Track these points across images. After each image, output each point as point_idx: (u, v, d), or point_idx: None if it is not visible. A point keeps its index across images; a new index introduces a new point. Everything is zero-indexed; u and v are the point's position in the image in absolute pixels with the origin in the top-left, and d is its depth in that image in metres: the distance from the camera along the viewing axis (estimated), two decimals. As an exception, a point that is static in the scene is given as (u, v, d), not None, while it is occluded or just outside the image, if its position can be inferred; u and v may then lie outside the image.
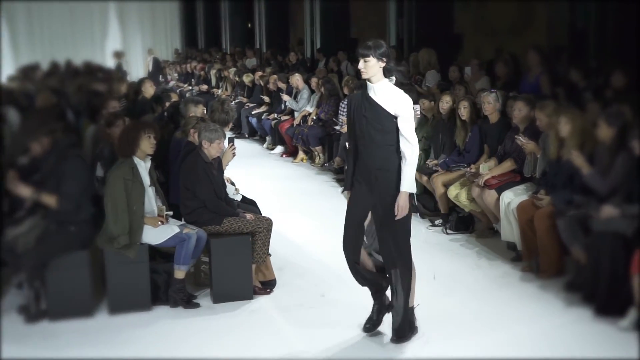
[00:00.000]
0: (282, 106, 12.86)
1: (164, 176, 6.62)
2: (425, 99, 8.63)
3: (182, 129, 6.71)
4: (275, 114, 12.99)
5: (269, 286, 6.12)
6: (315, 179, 10.72)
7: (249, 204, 6.60)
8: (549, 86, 8.13)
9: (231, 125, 6.94)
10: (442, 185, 7.65)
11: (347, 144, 5.96)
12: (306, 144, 11.52)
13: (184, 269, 5.72)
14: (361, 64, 4.74)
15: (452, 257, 6.94)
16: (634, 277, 5.00)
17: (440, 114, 8.21)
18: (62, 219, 5.55)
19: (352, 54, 13.00)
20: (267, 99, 13.64)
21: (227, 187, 6.32)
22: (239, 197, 6.57)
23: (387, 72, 4.78)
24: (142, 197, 5.67)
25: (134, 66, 22.75)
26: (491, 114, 7.39)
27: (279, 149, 12.72)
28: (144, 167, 5.77)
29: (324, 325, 5.32)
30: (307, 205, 9.06)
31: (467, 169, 7.45)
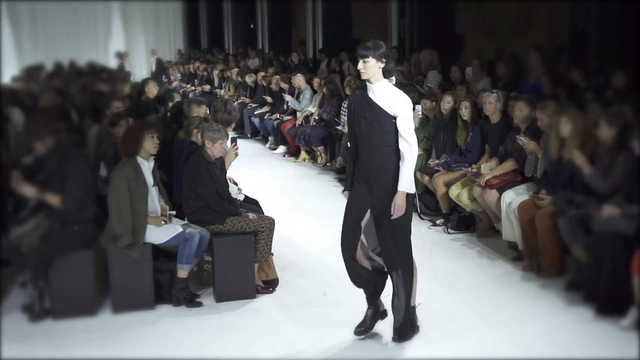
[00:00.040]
0: (285, 106, 12.86)
1: (167, 176, 6.63)
2: (426, 99, 8.64)
3: (185, 129, 6.71)
4: (277, 114, 12.98)
5: (271, 285, 6.13)
6: (317, 178, 10.72)
7: (251, 204, 6.60)
8: (550, 86, 8.13)
9: (234, 125, 6.93)
10: (444, 185, 7.65)
11: (348, 144, 5.98)
12: (308, 144, 11.51)
13: (187, 268, 5.73)
14: (360, 65, 4.73)
15: (453, 256, 6.94)
16: (635, 277, 4.99)
17: (441, 114, 8.21)
18: (66, 219, 5.55)
19: (354, 55, 12.92)
20: (269, 99, 13.64)
21: (230, 187, 6.31)
22: (241, 197, 6.58)
23: (386, 73, 4.76)
24: (145, 196, 5.67)
25: (137, 67, 22.73)
26: (492, 114, 7.39)
27: (281, 149, 12.71)
28: (147, 167, 5.77)
29: (326, 324, 5.32)
30: (309, 204, 9.05)
31: (469, 168, 7.45)
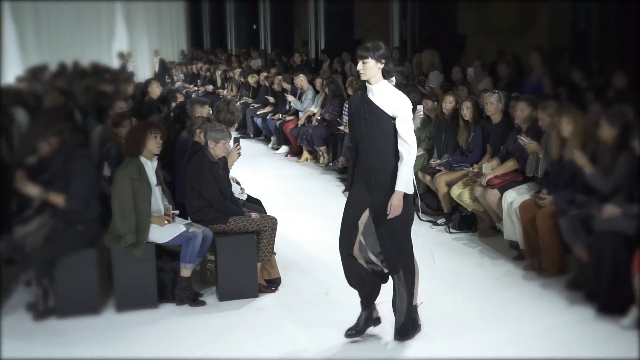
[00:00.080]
0: (287, 106, 12.88)
1: (171, 176, 6.63)
2: (428, 100, 8.64)
3: (188, 129, 6.72)
4: (280, 114, 13.00)
5: (273, 284, 6.13)
6: (319, 178, 10.74)
7: (254, 203, 6.61)
8: (551, 86, 8.14)
9: (236, 125, 6.96)
10: (445, 184, 7.65)
11: (350, 144, 5.99)
12: (310, 143, 11.53)
13: (190, 267, 5.75)
14: (360, 66, 4.72)
15: (455, 255, 6.95)
16: (635, 277, 4.99)
17: (443, 114, 8.21)
18: (70, 218, 5.56)
19: (356, 55, 13.01)
20: (272, 100, 13.64)
21: (233, 187, 6.33)
22: (244, 197, 6.58)
23: (386, 74, 4.74)
24: (148, 196, 5.68)
25: (141, 67, 22.76)
26: (494, 114, 7.41)
27: (284, 148, 12.74)
28: (150, 166, 5.78)
29: (328, 323, 5.30)
30: (312, 204, 9.06)
31: (470, 168, 7.46)
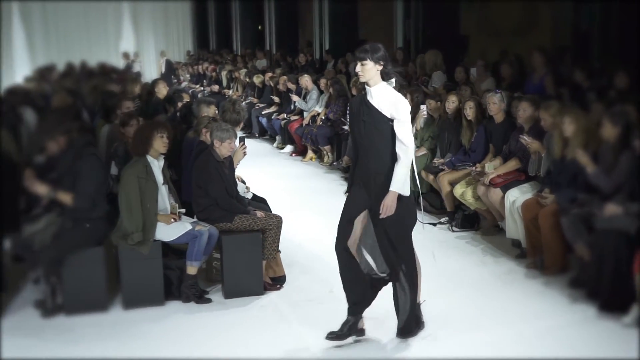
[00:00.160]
0: (292, 106, 12.90)
1: (177, 174, 6.65)
2: (431, 99, 8.66)
3: (195, 129, 6.74)
4: (284, 114, 13.04)
5: (278, 282, 6.16)
6: (324, 177, 10.77)
7: (259, 202, 6.64)
8: (553, 87, 8.14)
9: (242, 125, 6.97)
10: (448, 183, 7.68)
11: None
12: (315, 143, 11.57)
13: (196, 265, 5.77)
14: (358, 67, 4.71)
15: (457, 254, 6.97)
16: (637, 276, 5.02)
17: (446, 113, 8.23)
18: (78, 216, 5.59)
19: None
20: (277, 100, 13.68)
21: (238, 186, 6.35)
22: (249, 195, 6.60)
23: (385, 76, 4.73)
24: (155, 194, 5.71)
25: (147, 67, 22.84)
26: (496, 114, 7.43)
27: (289, 148, 12.78)
28: (157, 165, 5.80)
29: (332, 320, 5.22)
30: (316, 203, 9.07)
31: (473, 167, 7.47)
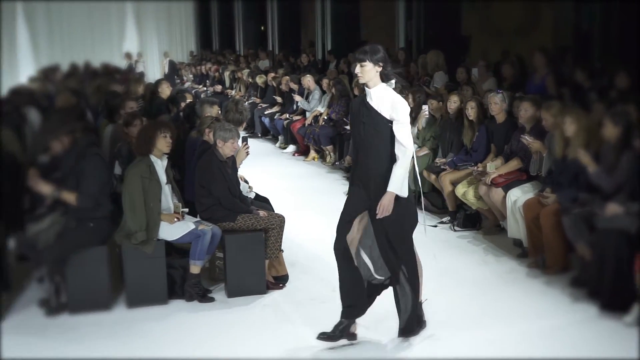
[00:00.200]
0: (294, 106, 12.94)
1: (180, 174, 6.67)
2: (433, 100, 8.67)
3: (198, 129, 6.75)
4: (287, 114, 13.07)
5: (281, 281, 6.18)
6: (326, 177, 10.80)
7: (262, 202, 6.65)
8: (555, 87, 8.12)
9: (245, 125, 7.00)
10: (450, 183, 7.68)
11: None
12: (317, 143, 11.60)
13: (199, 264, 5.79)
14: (357, 69, 4.70)
15: (459, 253, 6.98)
16: (637, 275, 5.04)
17: (448, 113, 8.24)
18: (82, 216, 5.61)
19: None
20: (279, 100, 13.71)
21: (241, 185, 6.36)
22: (252, 195, 6.61)
23: (385, 77, 4.71)
24: (158, 194, 5.72)
25: (151, 68, 22.90)
26: (498, 114, 7.43)
27: (291, 148, 12.80)
28: (160, 165, 5.82)
29: (334, 320, 5.12)
30: (319, 202, 9.07)
31: (475, 167, 7.49)
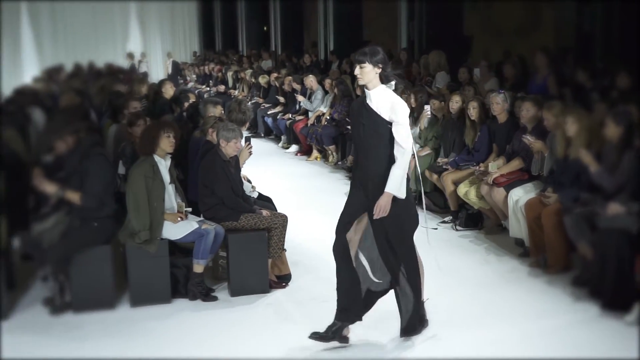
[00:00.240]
0: (297, 106, 12.98)
1: (183, 174, 6.70)
2: (435, 100, 8.68)
3: (201, 129, 6.79)
4: (290, 114, 13.11)
5: (284, 280, 6.19)
6: (328, 176, 10.82)
7: (265, 201, 6.66)
8: (556, 87, 8.13)
9: (248, 125, 7.03)
10: (452, 183, 7.69)
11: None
12: (320, 143, 11.62)
13: (202, 263, 5.80)
14: (357, 70, 4.69)
15: (461, 252, 6.99)
16: (639, 274, 5.07)
17: (450, 113, 8.25)
18: (86, 215, 5.63)
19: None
20: (282, 100, 13.75)
21: (244, 185, 6.39)
22: (255, 194, 6.63)
23: (385, 79, 4.70)
24: (162, 194, 5.74)
25: (154, 68, 22.97)
26: (500, 114, 7.44)
27: (294, 147, 12.85)
28: (164, 165, 5.84)
29: None
30: (321, 202, 9.07)
31: (476, 167, 7.50)
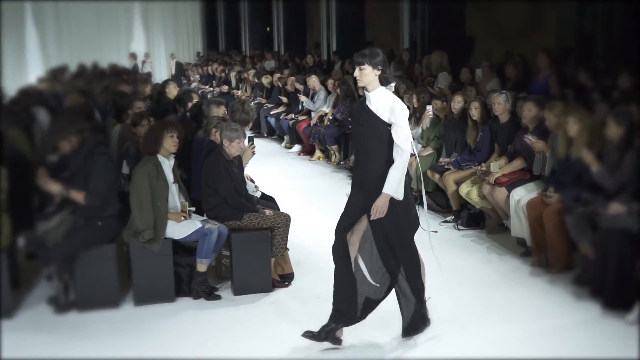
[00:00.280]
0: (300, 107, 13.00)
1: (187, 173, 6.71)
2: (437, 100, 8.70)
3: (205, 129, 6.80)
4: (292, 114, 13.13)
5: (287, 279, 6.22)
6: (331, 176, 10.85)
7: (268, 200, 6.69)
8: (558, 87, 8.15)
9: (251, 125, 7.04)
10: (454, 182, 7.71)
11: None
12: (322, 142, 11.64)
13: (206, 263, 5.83)
14: (357, 72, 4.69)
15: (463, 252, 7.00)
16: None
17: (452, 113, 8.26)
18: (90, 215, 5.66)
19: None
20: (285, 100, 13.78)
21: (247, 184, 6.40)
22: (258, 194, 6.65)
23: (384, 81, 4.70)
24: (166, 193, 5.77)
25: (158, 68, 23.03)
26: (501, 114, 7.45)
27: (297, 147, 12.87)
28: (167, 164, 5.87)
29: None
30: (324, 201, 9.08)
31: (478, 167, 7.51)
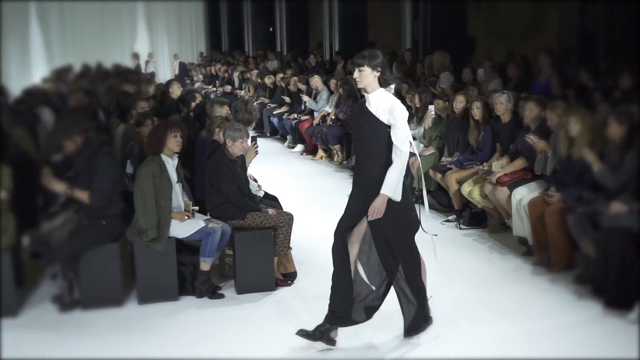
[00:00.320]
0: (302, 106, 13.02)
1: (190, 173, 6.74)
2: (439, 100, 8.71)
3: (208, 128, 6.83)
4: (295, 114, 13.15)
5: (290, 278, 6.25)
6: (334, 176, 10.86)
7: (271, 200, 6.71)
8: (559, 87, 8.17)
9: (254, 124, 7.08)
10: (456, 182, 7.73)
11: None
12: (325, 142, 11.66)
13: (209, 261, 5.86)
14: (356, 74, 4.68)
15: (465, 251, 7.01)
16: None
17: (454, 113, 8.28)
18: (94, 214, 5.68)
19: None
20: (287, 100, 13.78)
21: (250, 184, 6.43)
22: (261, 193, 6.66)
23: (384, 83, 4.70)
24: (169, 192, 5.79)
25: (161, 68, 23.08)
26: (503, 114, 7.47)
27: (299, 147, 12.89)
28: (171, 164, 5.89)
29: None
30: (327, 200, 9.07)
31: (480, 166, 7.51)
